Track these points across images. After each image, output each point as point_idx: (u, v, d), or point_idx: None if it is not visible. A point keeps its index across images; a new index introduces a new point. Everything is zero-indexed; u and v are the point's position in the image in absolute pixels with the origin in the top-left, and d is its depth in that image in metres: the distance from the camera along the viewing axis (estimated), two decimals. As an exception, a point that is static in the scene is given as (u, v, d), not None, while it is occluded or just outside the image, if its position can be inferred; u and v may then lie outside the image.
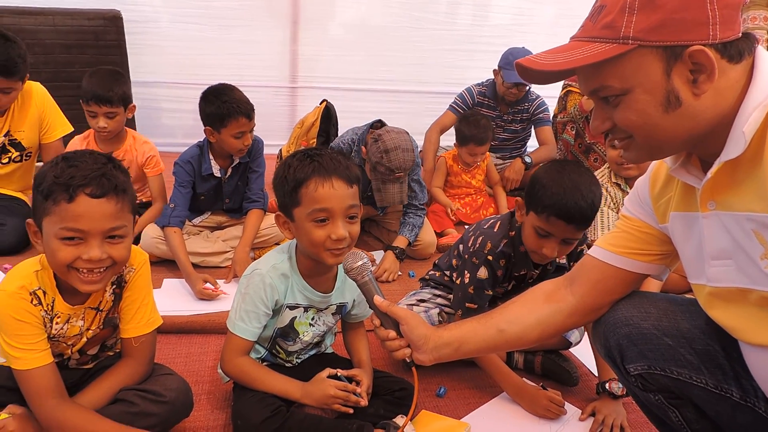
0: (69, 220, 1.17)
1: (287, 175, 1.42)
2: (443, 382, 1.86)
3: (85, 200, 1.16)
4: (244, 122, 2.36)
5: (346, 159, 1.45)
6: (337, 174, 1.39)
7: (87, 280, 1.22)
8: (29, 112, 2.60)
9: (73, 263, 1.20)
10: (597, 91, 0.99)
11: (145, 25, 4.15)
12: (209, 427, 1.60)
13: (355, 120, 3.12)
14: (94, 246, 1.19)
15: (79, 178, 1.16)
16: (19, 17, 3.49)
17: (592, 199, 1.59)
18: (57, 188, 1.16)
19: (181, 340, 2.02)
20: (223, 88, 2.39)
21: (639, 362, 1.17)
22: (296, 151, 1.49)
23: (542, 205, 1.63)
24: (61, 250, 1.18)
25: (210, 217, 2.71)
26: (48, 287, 1.30)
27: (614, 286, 1.22)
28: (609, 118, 1.00)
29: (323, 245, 1.41)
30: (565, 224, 1.61)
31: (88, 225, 1.18)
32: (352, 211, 1.43)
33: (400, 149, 2.46)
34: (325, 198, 1.38)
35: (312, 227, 1.40)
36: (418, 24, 4.65)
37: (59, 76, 3.49)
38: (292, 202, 1.42)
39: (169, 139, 4.44)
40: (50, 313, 1.30)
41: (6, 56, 2.30)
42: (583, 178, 1.62)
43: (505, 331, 1.26)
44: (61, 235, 1.18)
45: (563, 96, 4.06)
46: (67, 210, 1.16)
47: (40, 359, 1.26)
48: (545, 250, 1.67)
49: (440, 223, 3.18)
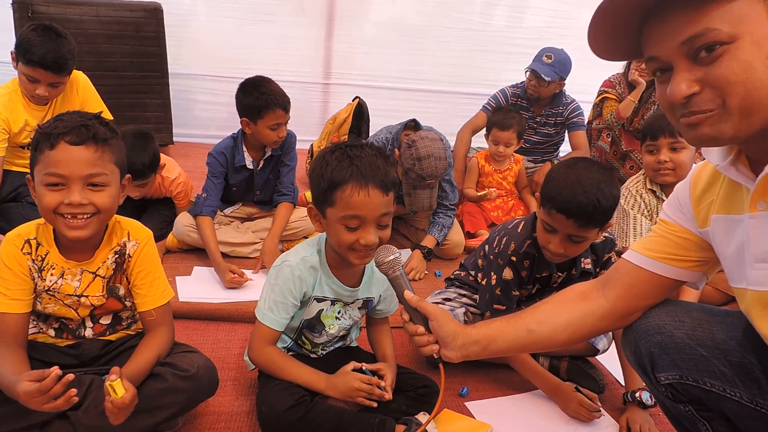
0: (51, 166, 1.26)
1: (324, 173, 1.39)
2: (466, 382, 1.85)
3: (65, 147, 1.26)
4: (281, 114, 2.38)
5: (385, 161, 1.41)
6: (374, 182, 1.36)
7: (72, 225, 1.30)
8: (72, 100, 2.66)
9: (57, 208, 1.28)
10: (696, 38, 0.86)
11: (184, 18, 4.24)
12: (234, 412, 1.62)
13: (387, 118, 3.14)
14: (74, 191, 1.27)
15: (61, 128, 1.26)
16: (65, 7, 3.58)
17: (598, 197, 1.55)
18: (41, 137, 1.27)
19: (209, 327, 2.05)
20: (261, 80, 2.42)
21: (670, 371, 1.15)
22: (335, 146, 1.45)
23: (546, 198, 1.63)
24: (46, 196, 1.28)
25: (241, 208, 2.75)
26: (44, 239, 1.39)
27: (648, 291, 1.19)
28: (698, 79, 0.88)
29: (351, 247, 1.41)
30: (564, 218, 1.59)
31: (67, 170, 1.26)
32: (385, 219, 1.42)
33: (432, 157, 2.46)
34: (360, 206, 1.37)
35: (342, 230, 1.40)
36: (452, 24, 4.64)
37: (101, 65, 3.57)
38: (325, 201, 1.42)
39: (202, 131, 4.53)
40: (38, 264, 1.38)
41: (57, 53, 2.35)
42: (592, 175, 1.58)
43: (534, 332, 1.25)
44: (45, 182, 1.27)
45: (598, 102, 4.00)
46: (49, 157, 1.26)
47: (10, 306, 1.35)
48: (551, 246, 1.66)
49: (474, 224, 3.16)
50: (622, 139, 3.92)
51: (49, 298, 1.41)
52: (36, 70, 2.37)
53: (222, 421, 1.58)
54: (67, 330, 1.48)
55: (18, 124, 2.51)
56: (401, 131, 2.67)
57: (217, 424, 1.57)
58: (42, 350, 1.44)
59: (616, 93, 3.88)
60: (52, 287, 1.40)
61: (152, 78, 3.95)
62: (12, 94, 2.50)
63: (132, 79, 3.85)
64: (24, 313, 1.37)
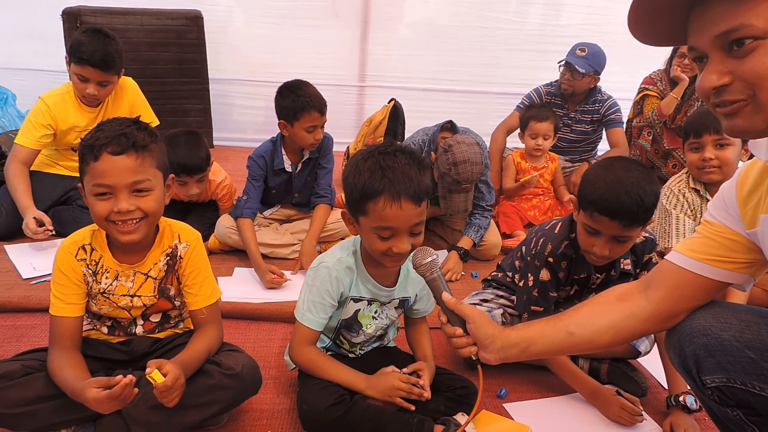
0: (97, 177, 1.32)
1: (356, 183, 1.39)
2: (505, 383, 1.84)
3: (108, 158, 1.31)
4: (317, 116, 2.42)
5: (418, 170, 1.40)
6: (407, 195, 1.36)
7: (123, 230, 1.36)
8: (121, 104, 2.77)
9: (109, 216, 1.34)
10: (730, 32, 0.88)
11: (223, 24, 4.33)
12: (275, 410, 1.66)
13: (423, 119, 3.14)
14: (121, 199, 1.33)
15: (102, 138, 1.31)
16: (111, 17, 3.72)
17: (640, 195, 1.53)
18: (86, 150, 1.32)
19: (250, 327, 2.10)
20: (299, 83, 2.46)
21: (717, 374, 1.12)
22: (367, 153, 1.44)
23: (587, 201, 1.61)
24: (97, 205, 1.34)
25: (279, 210, 2.80)
26: (98, 245, 1.45)
27: (693, 293, 1.17)
28: (729, 71, 0.90)
29: (384, 254, 1.43)
30: (609, 220, 1.57)
31: (112, 180, 1.32)
32: (418, 228, 1.43)
33: (469, 162, 2.45)
34: (392, 218, 1.37)
35: (375, 238, 1.41)
36: (487, 24, 4.61)
37: (145, 72, 3.69)
38: (358, 210, 1.43)
39: (240, 135, 4.62)
40: (93, 268, 1.44)
41: (104, 51, 2.47)
42: (631, 174, 1.56)
43: (574, 334, 1.24)
44: (93, 192, 1.33)
45: (639, 100, 3.92)
46: (94, 168, 1.31)
47: (66, 310, 1.41)
48: (595, 249, 1.63)
49: (510, 225, 3.15)
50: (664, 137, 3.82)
51: (104, 300, 1.47)
52: (85, 68, 2.48)
53: (264, 418, 1.62)
54: (120, 327, 1.55)
55: (66, 124, 2.62)
56: (437, 133, 2.67)
57: (259, 421, 1.61)
58: (95, 346, 1.50)
59: (657, 90, 3.79)
60: (107, 290, 1.46)
61: (193, 84, 4.07)
62: (65, 95, 2.62)
63: (174, 85, 3.97)
64: (79, 317, 1.43)
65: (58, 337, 1.40)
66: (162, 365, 1.24)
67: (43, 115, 2.57)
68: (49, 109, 2.57)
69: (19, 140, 2.60)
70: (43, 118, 2.57)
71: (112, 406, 1.22)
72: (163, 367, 1.24)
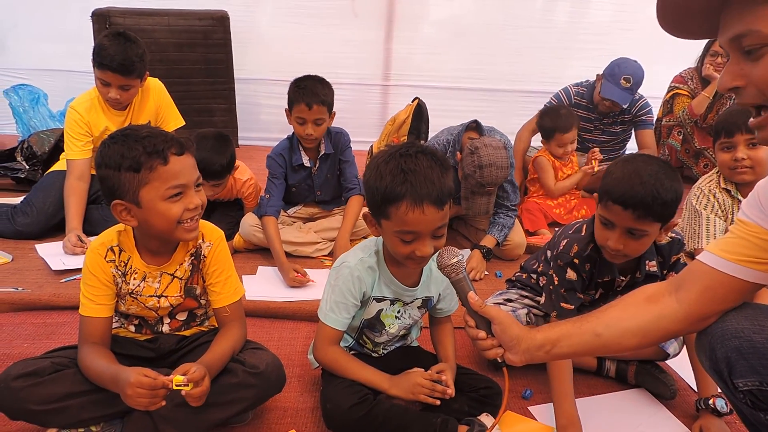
0: (172, 179, 1.33)
1: (378, 186, 1.38)
2: (529, 384, 1.82)
3: (176, 159, 1.33)
4: (304, 109, 2.42)
5: (441, 173, 1.38)
6: (429, 200, 1.34)
7: (189, 228, 1.39)
8: (147, 105, 2.81)
9: (182, 216, 1.36)
10: (740, 38, 0.89)
11: (248, 24, 4.37)
12: (299, 408, 1.67)
13: (447, 118, 3.13)
14: (194, 195, 1.37)
15: (161, 142, 1.32)
16: (139, 18, 3.78)
17: (656, 187, 1.49)
18: (149, 157, 1.30)
19: (274, 325, 2.12)
20: (307, 76, 2.48)
21: (749, 377, 1.10)
22: (388, 155, 1.42)
23: (602, 191, 1.59)
24: (172, 209, 1.35)
25: (303, 208, 2.81)
26: (126, 246, 1.46)
27: (725, 295, 1.14)
28: (743, 74, 0.91)
29: (407, 257, 1.43)
30: (622, 210, 1.54)
31: (185, 178, 1.35)
32: (440, 231, 1.42)
33: (494, 166, 2.43)
34: (414, 223, 1.37)
35: (398, 242, 1.41)
36: (512, 22, 4.57)
37: (172, 73, 3.73)
38: (380, 213, 1.42)
39: (265, 134, 4.65)
40: (122, 269, 1.46)
41: (124, 56, 2.49)
42: (650, 167, 1.53)
43: (601, 336, 1.22)
44: (167, 195, 1.33)
45: (669, 99, 3.85)
46: (167, 171, 1.32)
47: (96, 310, 1.43)
48: (609, 242, 1.60)
49: (533, 222, 3.13)
50: (695, 137, 3.75)
51: (132, 301, 1.50)
52: (105, 73, 2.52)
53: (288, 416, 1.63)
54: (147, 325, 1.58)
55: (99, 128, 2.67)
56: (462, 133, 2.66)
57: (283, 419, 1.62)
58: (123, 344, 1.53)
59: (688, 89, 3.72)
60: (135, 290, 1.48)
61: (219, 84, 4.11)
62: (94, 100, 2.67)
63: (200, 85, 4.02)
64: (108, 317, 1.45)
65: (88, 335, 1.42)
66: (188, 369, 1.27)
67: (78, 124, 2.62)
68: (81, 116, 2.62)
69: (67, 155, 2.68)
70: (78, 127, 2.63)
71: (140, 400, 1.23)
72: (189, 370, 1.26)
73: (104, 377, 1.32)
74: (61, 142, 3.11)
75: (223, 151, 2.53)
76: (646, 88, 3.58)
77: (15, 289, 2.18)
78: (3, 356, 1.80)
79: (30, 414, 1.34)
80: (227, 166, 2.55)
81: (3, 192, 3.14)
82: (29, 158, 3.20)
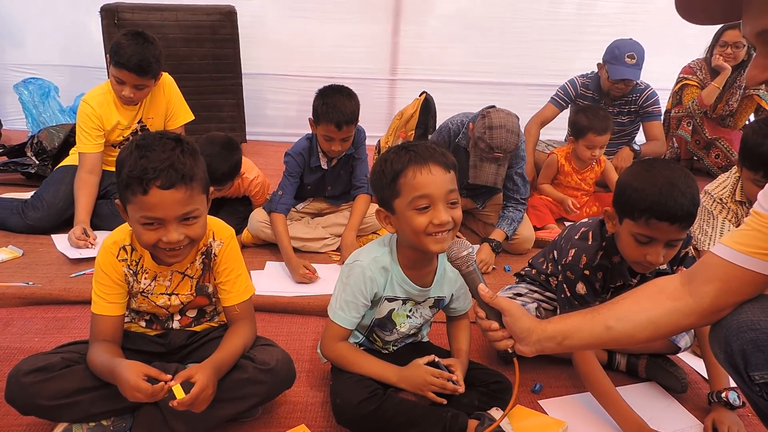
0: (146, 210, 1.29)
1: (384, 169, 1.44)
2: (539, 378, 1.81)
3: (157, 192, 1.26)
4: (333, 129, 2.38)
5: (441, 147, 1.47)
6: (433, 160, 1.41)
7: (170, 255, 1.38)
8: (158, 100, 2.82)
9: (156, 244, 1.33)
10: (765, 33, 0.87)
11: (255, 19, 4.36)
12: (309, 403, 1.67)
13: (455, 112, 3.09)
14: (171, 230, 1.31)
15: (150, 171, 1.25)
16: (148, 13, 3.78)
17: (692, 193, 1.48)
18: (132, 182, 1.26)
19: (283, 320, 2.12)
20: (336, 89, 2.42)
21: (766, 370, 1.08)
22: (390, 148, 1.51)
23: (638, 209, 1.50)
24: (144, 234, 1.33)
25: (312, 204, 2.80)
26: (138, 245, 1.44)
27: (739, 287, 1.13)
28: None
29: (425, 231, 1.41)
30: (668, 225, 1.49)
31: (163, 213, 1.29)
32: (452, 196, 1.42)
33: (504, 129, 2.41)
34: (424, 184, 1.39)
35: (414, 215, 1.41)
36: (520, 14, 4.54)
37: (179, 68, 3.72)
38: (391, 194, 1.44)
39: (271, 129, 4.66)
40: (134, 268, 1.45)
41: (141, 56, 2.51)
42: (676, 173, 1.50)
43: (613, 328, 1.21)
44: (141, 222, 1.31)
45: (678, 90, 3.81)
46: (143, 201, 1.27)
47: (108, 309, 1.43)
48: (650, 257, 1.54)
49: (540, 218, 3.10)
50: (705, 127, 3.71)
51: (143, 299, 1.50)
52: (122, 72, 2.53)
53: (298, 411, 1.63)
54: (157, 321, 1.58)
55: (110, 122, 2.68)
56: (479, 114, 2.63)
57: (293, 414, 1.62)
58: (133, 339, 1.53)
59: (697, 79, 3.68)
60: (146, 289, 1.48)
61: (227, 79, 4.11)
62: (106, 95, 2.68)
63: (208, 80, 4.02)
64: (120, 315, 1.46)
65: (99, 333, 1.42)
66: (192, 375, 1.26)
67: (90, 118, 2.64)
68: (93, 110, 2.63)
69: (79, 148, 2.69)
70: (91, 120, 2.64)
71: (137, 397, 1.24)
72: (193, 376, 1.26)
73: (104, 372, 1.33)
74: (70, 137, 3.13)
75: (228, 158, 2.52)
76: (654, 79, 3.55)
77: (26, 284, 2.20)
78: (14, 350, 1.82)
79: (41, 409, 1.34)
80: (229, 173, 2.54)
81: (13, 187, 3.15)
82: (39, 153, 3.21)
